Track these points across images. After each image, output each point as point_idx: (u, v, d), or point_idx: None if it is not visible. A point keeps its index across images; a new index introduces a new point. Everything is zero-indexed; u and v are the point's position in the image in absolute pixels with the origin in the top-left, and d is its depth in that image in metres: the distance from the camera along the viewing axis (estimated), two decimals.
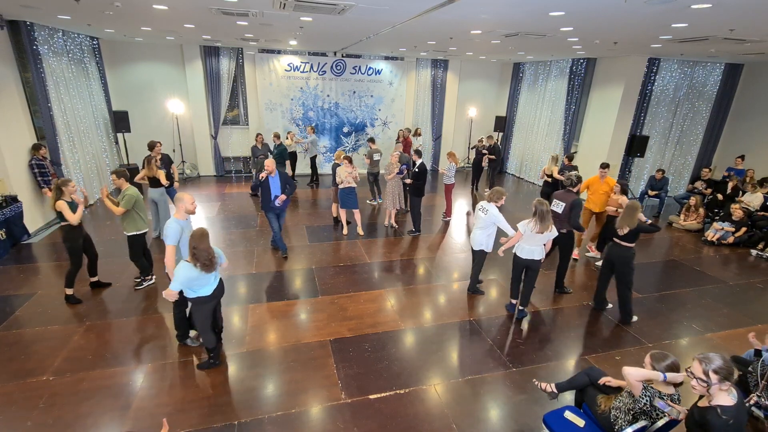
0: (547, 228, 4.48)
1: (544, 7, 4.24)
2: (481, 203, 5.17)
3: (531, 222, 4.55)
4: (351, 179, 7.11)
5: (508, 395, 3.79)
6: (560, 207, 5.27)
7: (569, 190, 5.35)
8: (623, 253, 4.74)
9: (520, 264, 4.83)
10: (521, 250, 4.76)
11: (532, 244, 4.66)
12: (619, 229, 4.67)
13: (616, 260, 4.80)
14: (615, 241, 4.82)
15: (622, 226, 4.64)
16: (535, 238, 4.59)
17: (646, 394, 2.66)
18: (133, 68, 10.28)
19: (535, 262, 4.72)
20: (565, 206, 5.21)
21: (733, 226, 7.68)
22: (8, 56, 6.65)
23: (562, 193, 5.39)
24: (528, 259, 4.71)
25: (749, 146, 9.81)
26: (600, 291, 5.21)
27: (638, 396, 2.68)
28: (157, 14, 5.62)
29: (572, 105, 10.18)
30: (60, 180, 4.66)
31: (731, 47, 6.70)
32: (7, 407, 3.41)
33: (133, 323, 4.62)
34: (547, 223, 4.47)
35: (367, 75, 11.85)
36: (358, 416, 3.45)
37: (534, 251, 4.68)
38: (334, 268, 6.17)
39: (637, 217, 4.57)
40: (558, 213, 5.25)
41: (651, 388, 2.68)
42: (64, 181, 4.65)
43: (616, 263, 4.82)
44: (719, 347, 4.59)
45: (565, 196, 5.31)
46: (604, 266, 5.04)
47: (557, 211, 5.27)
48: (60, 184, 4.62)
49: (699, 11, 4.06)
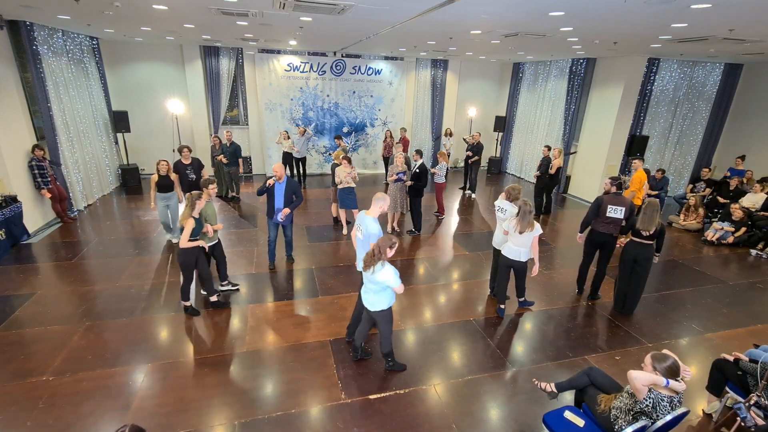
0: (527, 227, 4.51)
1: (544, 7, 4.24)
2: (499, 203, 5.07)
3: (514, 221, 4.62)
4: (350, 179, 7.12)
5: (508, 395, 3.79)
6: (620, 212, 5.03)
7: (618, 194, 5.19)
8: (648, 252, 4.83)
9: (505, 264, 4.84)
10: (507, 250, 4.77)
11: (518, 244, 4.68)
12: (645, 231, 4.70)
13: (640, 258, 4.86)
14: (637, 240, 4.83)
15: (649, 227, 4.67)
16: (520, 238, 4.62)
17: (650, 396, 2.66)
18: (133, 68, 10.27)
19: (520, 263, 4.75)
20: (625, 210, 5.04)
21: (733, 226, 7.69)
22: (8, 56, 6.65)
23: (615, 198, 5.12)
24: (514, 260, 4.74)
25: (749, 146, 9.82)
26: (623, 291, 5.17)
27: (641, 399, 2.68)
28: (157, 14, 5.61)
29: (572, 105, 10.18)
30: (195, 194, 4.49)
31: (731, 47, 6.70)
32: (7, 407, 3.41)
33: (133, 323, 4.61)
34: (527, 223, 4.50)
35: (366, 75, 11.84)
36: (358, 416, 3.45)
37: (520, 252, 4.69)
38: (334, 268, 6.17)
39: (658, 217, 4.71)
40: (619, 218, 5.06)
41: (654, 390, 2.68)
42: (198, 194, 4.50)
43: (639, 261, 4.87)
44: (719, 347, 4.59)
45: (620, 200, 5.09)
46: (624, 265, 5.03)
47: (618, 216, 5.04)
48: (194, 198, 4.45)
49: (699, 11, 4.06)
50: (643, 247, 4.83)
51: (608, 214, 5.08)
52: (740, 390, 3.33)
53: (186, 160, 6.77)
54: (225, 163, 8.86)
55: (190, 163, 6.80)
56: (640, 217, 4.76)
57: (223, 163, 8.87)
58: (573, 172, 10.81)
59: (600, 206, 5.15)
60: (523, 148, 12.54)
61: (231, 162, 8.90)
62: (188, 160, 6.78)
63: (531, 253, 4.71)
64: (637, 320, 5.08)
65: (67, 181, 7.73)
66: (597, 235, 5.27)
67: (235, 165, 9.02)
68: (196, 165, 6.86)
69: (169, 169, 6.36)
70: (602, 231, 5.21)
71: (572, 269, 6.40)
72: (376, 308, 3.66)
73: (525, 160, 12.50)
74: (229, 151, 8.89)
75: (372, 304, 3.67)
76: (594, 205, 5.24)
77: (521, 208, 4.53)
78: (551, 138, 11.07)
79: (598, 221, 5.23)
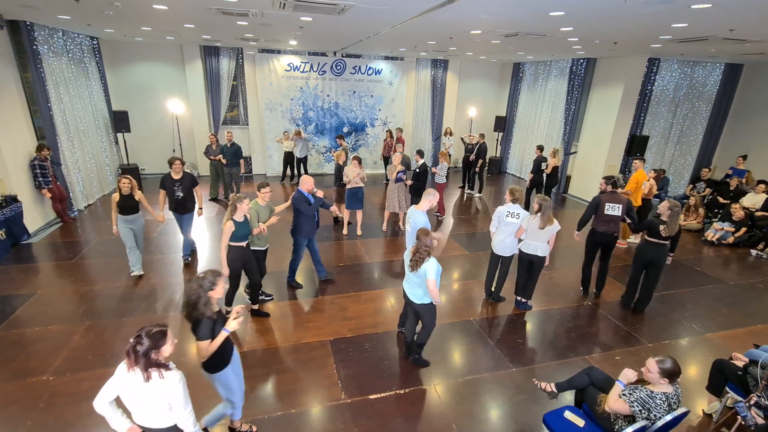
0: (547, 223, 4.64)
1: (544, 7, 4.23)
2: (508, 208, 4.92)
3: (534, 218, 4.71)
4: (359, 179, 7.12)
5: (508, 395, 3.79)
6: (618, 209, 5.18)
7: (615, 192, 5.31)
8: (663, 253, 4.90)
9: (525, 259, 4.95)
10: (525, 246, 4.89)
11: (536, 239, 4.77)
12: (664, 232, 4.73)
13: (655, 259, 4.92)
14: (653, 240, 4.86)
15: (672, 230, 4.69)
16: (538, 234, 4.72)
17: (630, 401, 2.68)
18: (133, 68, 10.28)
19: (538, 258, 4.84)
20: (622, 207, 5.17)
21: (733, 226, 7.68)
22: (8, 56, 6.65)
23: (612, 196, 5.25)
24: (532, 254, 4.84)
25: (749, 146, 9.81)
26: (634, 289, 5.27)
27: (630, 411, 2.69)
28: (157, 14, 5.61)
29: (572, 105, 10.17)
30: (236, 196, 4.30)
31: (731, 47, 6.70)
32: (7, 407, 3.41)
33: (133, 323, 4.61)
34: (547, 218, 4.64)
35: (367, 75, 11.84)
36: (358, 416, 3.45)
37: (538, 247, 4.80)
38: (335, 268, 6.17)
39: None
40: (617, 215, 5.20)
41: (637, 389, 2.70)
42: (240, 197, 4.29)
43: (654, 261, 4.93)
44: (719, 347, 4.60)
45: (617, 198, 5.21)
46: (638, 265, 5.10)
47: (616, 213, 5.19)
48: (236, 200, 4.26)
49: (699, 11, 4.06)
50: (660, 247, 4.88)
51: (606, 212, 5.21)
52: (740, 390, 3.33)
53: (176, 175, 5.63)
54: (225, 164, 8.87)
55: (181, 178, 5.65)
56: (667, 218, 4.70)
57: (224, 164, 8.87)
58: (573, 172, 10.81)
59: (598, 205, 5.25)
60: (524, 148, 12.53)
61: (231, 162, 8.90)
62: (179, 175, 5.63)
63: (547, 248, 4.81)
64: (638, 320, 5.08)
65: (67, 181, 7.73)
66: (598, 235, 5.33)
67: (235, 165, 9.02)
68: (188, 182, 5.73)
69: (133, 187, 5.23)
70: (603, 231, 5.27)
71: (572, 269, 6.41)
72: (423, 301, 3.75)
73: (525, 161, 12.48)
74: (230, 152, 8.88)
75: (419, 297, 3.76)
76: (592, 204, 5.32)
77: (542, 204, 4.64)
78: (551, 138, 11.07)
79: (597, 220, 5.30)
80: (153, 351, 2.07)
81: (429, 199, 4.46)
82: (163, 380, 2.10)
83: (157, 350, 2.09)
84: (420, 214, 4.39)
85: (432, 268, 3.53)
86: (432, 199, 4.47)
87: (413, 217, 4.41)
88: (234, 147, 8.98)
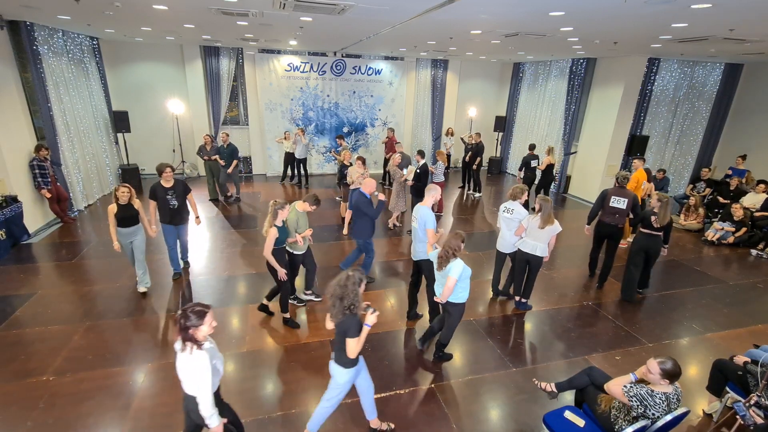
0: (548, 222, 4.68)
1: (544, 7, 4.24)
2: (505, 204, 5.14)
3: (535, 217, 4.76)
4: (362, 180, 7.10)
5: (508, 395, 3.79)
6: (623, 203, 5.49)
7: (622, 187, 5.58)
8: (657, 244, 5.19)
9: (522, 258, 4.97)
10: (524, 245, 4.92)
11: (535, 239, 4.81)
12: (657, 223, 4.99)
13: (651, 249, 5.22)
14: (648, 232, 5.12)
15: (663, 220, 4.95)
16: (538, 234, 4.75)
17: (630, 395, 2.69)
18: (133, 68, 10.27)
19: (536, 257, 4.86)
20: (628, 201, 5.45)
21: (733, 226, 7.68)
22: (8, 56, 6.65)
23: (618, 190, 5.58)
24: (530, 254, 4.87)
25: (749, 146, 9.81)
26: (633, 282, 5.42)
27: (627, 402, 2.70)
28: (157, 14, 5.61)
29: (572, 105, 10.17)
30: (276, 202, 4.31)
31: (731, 47, 6.70)
32: (7, 407, 3.41)
33: (133, 323, 4.62)
34: (546, 217, 4.70)
35: (367, 75, 11.84)
36: (358, 416, 3.45)
37: (536, 246, 4.82)
38: (335, 268, 6.16)
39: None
40: (623, 209, 5.50)
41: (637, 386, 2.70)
42: (281, 204, 4.32)
43: (651, 251, 5.24)
44: (719, 347, 4.60)
45: (624, 192, 5.53)
46: (637, 256, 5.29)
47: (621, 207, 5.49)
48: (276, 207, 4.29)
49: (699, 11, 4.06)
50: (654, 237, 5.13)
51: (611, 204, 5.51)
52: (740, 390, 3.33)
53: (167, 183, 5.24)
54: (222, 165, 8.87)
55: (173, 186, 5.28)
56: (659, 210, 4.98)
57: (221, 165, 8.86)
58: (573, 172, 10.80)
59: (605, 198, 5.57)
60: (524, 148, 12.46)
61: (227, 164, 8.90)
62: (170, 183, 5.25)
63: (546, 249, 4.84)
64: (638, 320, 5.08)
65: (67, 181, 7.73)
66: (603, 226, 5.70)
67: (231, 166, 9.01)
68: (181, 189, 5.36)
69: (131, 196, 4.86)
70: (607, 222, 5.61)
71: (572, 270, 6.41)
72: (451, 300, 3.79)
73: None
74: (226, 153, 8.91)
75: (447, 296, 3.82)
76: (600, 197, 5.68)
77: (542, 204, 4.70)
78: (551, 138, 11.07)
79: (603, 212, 5.64)
80: (192, 327, 2.29)
81: (432, 194, 4.53)
82: (191, 356, 2.30)
83: (195, 327, 2.30)
84: (425, 210, 4.44)
85: (456, 269, 3.62)
86: (435, 194, 4.55)
87: (419, 213, 4.48)
88: (230, 148, 8.99)
